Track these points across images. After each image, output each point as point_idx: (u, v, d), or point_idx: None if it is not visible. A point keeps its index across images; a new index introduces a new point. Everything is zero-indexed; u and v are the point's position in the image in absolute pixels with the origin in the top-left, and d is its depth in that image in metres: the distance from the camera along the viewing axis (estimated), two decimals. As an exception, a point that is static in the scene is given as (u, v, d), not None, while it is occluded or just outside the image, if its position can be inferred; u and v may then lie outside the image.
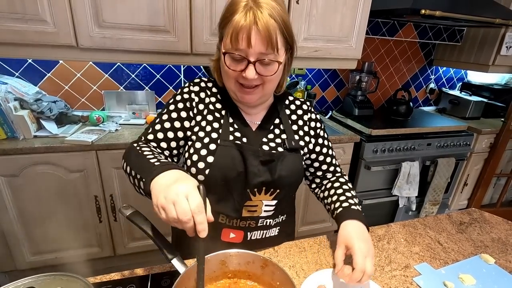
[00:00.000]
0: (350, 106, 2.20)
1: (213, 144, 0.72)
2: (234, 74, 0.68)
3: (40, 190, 1.43)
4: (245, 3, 0.63)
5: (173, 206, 0.48)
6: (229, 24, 0.64)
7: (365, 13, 1.67)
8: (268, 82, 0.70)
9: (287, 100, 0.85)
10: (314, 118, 0.86)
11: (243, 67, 0.66)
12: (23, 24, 1.23)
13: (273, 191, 0.75)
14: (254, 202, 0.74)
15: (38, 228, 1.50)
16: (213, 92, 0.79)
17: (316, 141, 0.85)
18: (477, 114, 2.40)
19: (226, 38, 0.65)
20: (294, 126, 0.82)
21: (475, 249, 0.85)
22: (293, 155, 0.77)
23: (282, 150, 0.76)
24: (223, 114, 0.76)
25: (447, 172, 2.10)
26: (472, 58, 2.29)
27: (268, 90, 0.72)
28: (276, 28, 0.64)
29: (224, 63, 0.67)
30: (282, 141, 0.78)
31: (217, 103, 0.78)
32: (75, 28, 1.28)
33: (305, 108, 0.85)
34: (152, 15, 1.35)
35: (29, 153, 1.36)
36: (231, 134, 0.74)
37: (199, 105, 0.76)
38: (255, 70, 0.65)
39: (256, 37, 0.62)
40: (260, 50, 0.64)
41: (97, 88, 1.74)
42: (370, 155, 1.87)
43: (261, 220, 0.77)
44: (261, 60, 0.65)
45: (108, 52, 1.38)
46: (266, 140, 0.77)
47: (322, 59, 1.72)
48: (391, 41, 2.28)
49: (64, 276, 0.46)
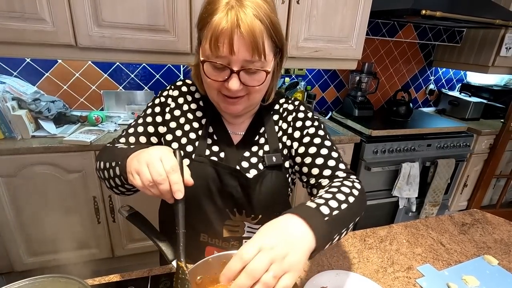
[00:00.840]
0: (350, 107, 2.20)
1: (186, 159, 0.66)
2: (216, 84, 0.60)
3: (38, 190, 1.41)
4: (226, 1, 0.55)
5: (147, 167, 0.47)
6: (207, 26, 0.56)
7: (366, 14, 1.67)
8: (254, 92, 0.61)
9: (277, 104, 0.75)
10: (302, 117, 0.71)
11: (226, 76, 0.57)
12: (21, 23, 1.22)
13: (254, 216, 0.69)
14: (235, 222, 0.69)
15: (36, 229, 1.48)
16: (195, 98, 0.72)
17: (300, 142, 0.70)
18: (477, 115, 2.40)
19: (204, 43, 0.57)
20: (280, 132, 0.72)
21: (478, 250, 0.84)
22: (274, 173, 0.68)
23: (262, 168, 0.68)
24: (202, 124, 0.70)
25: (447, 173, 2.10)
26: (472, 59, 2.30)
27: (254, 100, 0.64)
28: (263, 30, 0.55)
29: (204, 72, 0.59)
30: (263, 156, 0.69)
31: (198, 110, 0.71)
32: (74, 27, 1.27)
33: (290, 109, 0.73)
34: (151, 14, 1.34)
35: (27, 153, 1.34)
36: (208, 148, 0.68)
37: (175, 111, 0.69)
38: (239, 80, 0.57)
39: (239, 42, 0.54)
40: (245, 57, 0.55)
41: (96, 88, 1.73)
42: (370, 156, 1.87)
43: (245, 240, 0.71)
44: (246, 69, 0.57)
45: (107, 52, 1.37)
46: (248, 155, 0.69)
47: (322, 60, 1.72)
48: (391, 42, 2.28)
49: (62, 278, 0.45)
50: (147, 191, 0.49)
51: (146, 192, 0.50)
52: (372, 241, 0.85)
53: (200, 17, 0.59)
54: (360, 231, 0.89)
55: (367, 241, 0.85)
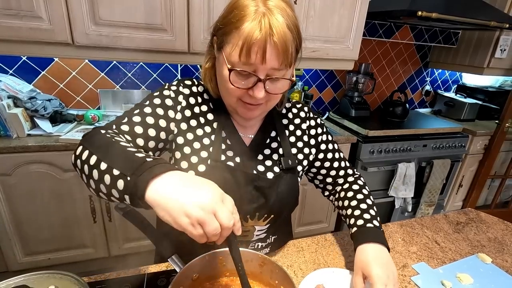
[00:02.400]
0: (347, 107, 2.21)
1: (202, 165, 0.64)
2: (239, 92, 0.58)
3: (33, 189, 1.40)
4: (255, 8, 0.53)
5: (213, 216, 0.40)
6: (236, 32, 0.53)
7: (362, 14, 1.68)
8: (274, 99, 0.62)
9: (284, 109, 0.77)
10: (314, 124, 0.78)
11: (250, 84, 0.56)
12: (17, 20, 1.21)
13: (266, 216, 0.69)
14: (246, 227, 0.69)
15: (31, 229, 1.47)
16: (205, 99, 0.69)
17: (318, 149, 0.77)
18: (472, 116, 2.43)
19: (231, 50, 0.55)
20: (292, 137, 0.74)
21: (472, 249, 0.85)
22: (289, 176, 0.71)
23: (278, 171, 0.70)
24: (214, 128, 0.67)
25: (443, 173, 2.11)
26: (467, 61, 2.32)
27: (270, 106, 0.65)
28: (291, 40, 0.54)
29: (229, 79, 0.56)
30: (278, 159, 0.71)
31: (209, 113, 0.68)
32: (70, 25, 1.27)
33: (303, 116, 0.77)
34: (149, 13, 1.34)
35: (22, 151, 1.33)
36: (223, 153, 0.66)
37: (185, 111, 0.66)
38: (264, 87, 0.56)
39: (271, 51, 0.53)
40: (273, 66, 0.54)
41: (92, 86, 1.72)
42: (366, 156, 1.88)
43: (252, 243, 0.73)
44: (271, 78, 0.56)
45: (104, 50, 1.36)
46: (262, 158, 0.70)
47: (320, 60, 1.73)
48: (388, 43, 2.30)
49: (58, 274, 0.45)
50: (197, 239, 0.41)
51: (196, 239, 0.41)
52: (368, 240, 0.86)
53: (226, 21, 0.56)
54: (356, 230, 0.90)
55: (363, 240, 0.86)
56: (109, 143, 0.50)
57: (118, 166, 0.44)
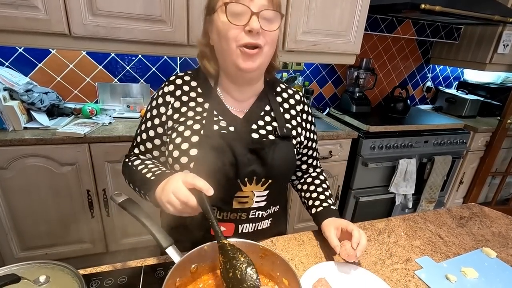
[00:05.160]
0: (348, 102, 2.19)
1: (195, 136, 0.67)
2: (235, 33, 0.62)
3: (30, 183, 1.38)
4: None
5: (173, 195, 0.54)
6: None
7: (365, 8, 1.66)
8: (270, 42, 0.65)
9: (278, 87, 0.81)
10: (306, 110, 0.83)
11: (246, 20, 0.61)
12: (13, 10, 1.18)
13: (264, 181, 0.71)
14: (245, 193, 0.70)
15: (28, 223, 1.45)
16: (192, 86, 0.73)
17: (305, 134, 0.81)
18: (473, 112, 2.41)
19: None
20: (286, 115, 0.78)
21: (476, 243, 0.83)
22: (285, 143, 0.73)
23: (273, 138, 0.72)
24: (205, 108, 0.71)
25: (443, 170, 2.10)
26: (469, 57, 2.30)
27: (267, 54, 0.67)
28: None
29: (226, 17, 0.61)
30: (273, 129, 0.73)
31: (198, 97, 0.72)
32: (67, 16, 1.24)
33: (297, 98, 0.81)
34: (148, 4, 1.32)
35: (19, 145, 1.31)
36: (216, 123, 0.69)
37: (175, 104, 0.71)
38: (259, 23, 0.61)
39: None
40: (263, 2, 0.61)
41: (90, 80, 1.69)
42: (367, 151, 1.86)
43: (253, 211, 0.73)
44: (263, 12, 0.61)
45: (101, 42, 1.34)
46: (256, 127, 0.72)
47: (321, 54, 1.70)
48: (389, 38, 2.28)
49: (49, 264, 0.43)
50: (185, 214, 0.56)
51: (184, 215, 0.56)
52: (370, 234, 0.84)
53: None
54: (358, 224, 0.88)
55: (365, 233, 0.84)
56: (131, 173, 0.71)
57: (141, 189, 0.66)
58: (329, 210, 0.80)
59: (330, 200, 0.83)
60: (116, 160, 1.45)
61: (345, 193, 2.01)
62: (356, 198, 1.98)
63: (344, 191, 2.00)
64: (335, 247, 0.69)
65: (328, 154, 1.79)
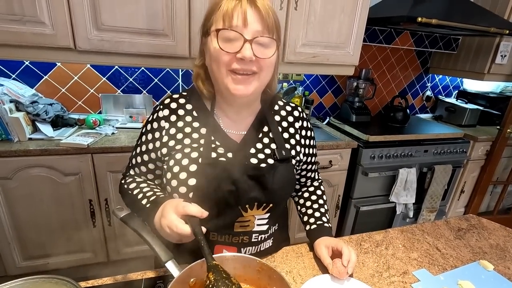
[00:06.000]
0: (348, 112, 2.21)
1: (193, 165, 0.65)
2: (227, 58, 0.60)
3: (33, 193, 1.40)
4: None
5: (169, 230, 0.55)
6: (217, 12, 0.60)
7: (363, 20, 1.69)
8: (266, 68, 0.63)
9: (276, 105, 0.79)
10: (306, 126, 0.81)
11: (238, 47, 0.59)
12: (21, 25, 1.23)
13: (265, 205, 0.70)
14: (246, 217, 0.70)
15: (30, 233, 1.47)
16: (187, 109, 0.71)
17: (304, 150, 0.80)
18: (473, 121, 2.42)
19: (216, 23, 0.60)
20: (285, 133, 0.76)
21: (474, 255, 0.84)
22: (284, 166, 0.72)
23: (272, 162, 0.70)
24: (202, 133, 0.69)
25: (444, 179, 2.10)
26: (468, 67, 2.32)
27: (264, 79, 0.65)
28: (273, 12, 0.62)
29: (217, 43, 0.59)
30: (272, 151, 0.71)
31: (194, 121, 0.70)
32: (73, 30, 1.28)
33: (296, 115, 0.79)
34: (150, 18, 1.36)
35: (23, 155, 1.34)
36: (214, 151, 0.68)
37: (171, 130, 0.69)
38: (252, 50, 0.59)
39: (253, 15, 0.59)
40: (257, 29, 0.59)
41: (94, 91, 1.73)
42: (367, 161, 1.87)
43: (255, 235, 0.72)
44: (257, 39, 0.59)
45: (106, 55, 1.37)
46: (254, 151, 0.71)
47: (320, 65, 1.73)
48: (388, 49, 2.31)
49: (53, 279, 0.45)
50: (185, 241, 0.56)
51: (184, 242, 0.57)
52: (368, 246, 0.85)
53: (207, 14, 0.64)
54: (356, 236, 0.89)
55: (363, 246, 0.85)
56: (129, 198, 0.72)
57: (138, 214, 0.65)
58: (323, 228, 0.81)
59: (325, 217, 0.84)
60: (118, 170, 1.47)
61: (345, 202, 2.01)
62: (357, 207, 1.98)
63: (344, 200, 2.00)
64: (327, 265, 0.71)
65: (328, 163, 1.80)
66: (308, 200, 0.88)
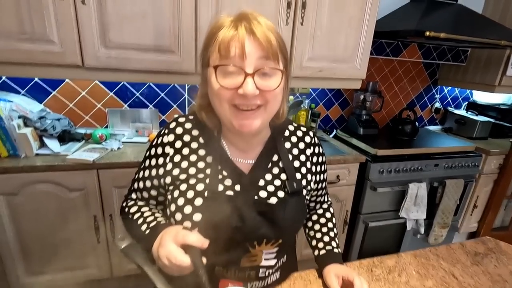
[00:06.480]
0: (355, 125, 2.18)
1: (199, 198, 0.61)
2: (228, 94, 0.56)
3: (39, 209, 1.40)
4: (232, 19, 0.56)
5: (168, 261, 0.53)
6: (215, 41, 0.56)
7: (369, 34, 1.68)
8: (272, 99, 0.58)
9: (287, 130, 0.74)
10: (318, 152, 0.77)
11: (239, 83, 0.54)
12: (30, 44, 1.24)
13: (274, 241, 0.66)
14: (254, 253, 0.66)
15: (35, 248, 1.46)
16: (194, 136, 0.67)
17: (316, 178, 0.77)
18: (484, 134, 2.36)
19: (212, 54, 0.56)
20: (296, 162, 0.72)
21: (494, 284, 0.79)
22: (295, 199, 0.68)
23: (283, 196, 0.66)
24: (208, 162, 0.65)
25: (456, 194, 2.04)
26: (477, 79, 2.28)
27: (271, 110, 0.61)
28: (274, 38, 0.56)
29: (216, 79, 0.55)
30: (282, 183, 0.67)
31: (200, 149, 0.66)
32: (81, 48, 1.30)
33: (307, 141, 0.75)
34: (157, 35, 1.37)
35: (30, 171, 1.34)
36: (221, 183, 0.64)
37: (175, 157, 0.66)
38: (254, 84, 0.54)
39: (252, 45, 0.53)
40: (259, 56, 0.54)
41: (101, 106, 1.74)
42: (376, 175, 1.83)
43: (262, 270, 0.69)
44: (260, 70, 0.55)
45: (113, 72, 1.38)
46: (264, 184, 0.66)
47: (327, 79, 1.72)
48: (395, 61, 2.29)
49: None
50: (185, 273, 0.54)
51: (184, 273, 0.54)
52: (380, 272, 0.81)
53: (204, 42, 0.60)
54: (367, 261, 0.85)
55: (374, 272, 0.81)
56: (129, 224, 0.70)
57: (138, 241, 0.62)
58: (332, 254, 0.78)
59: (334, 242, 0.81)
60: (123, 185, 1.46)
61: (353, 218, 1.96)
62: (365, 223, 1.93)
63: (352, 216, 1.95)
64: None
65: (335, 178, 1.76)
66: (317, 223, 0.85)
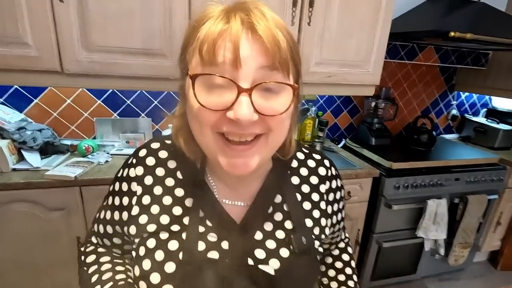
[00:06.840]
0: (366, 134, 2.01)
1: (170, 263, 0.44)
2: (213, 118, 0.37)
3: (14, 231, 1.25)
4: (223, 8, 0.39)
5: None
6: (195, 38, 0.38)
7: (384, 36, 1.51)
8: (277, 128, 0.40)
9: (294, 160, 0.55)
10: (335, 187, 0.58)
11: (229, 102, 0.36)
12: (3, 47, 1.10)
13: None
14: None
15: (11, 275, 1.31)
16: (169, 169, 0.50)
17: (332, 220, 0.58)
18: (507, 144, 2.17)
19: (192, 58, 0.39)
20: (306, 204, 0.53)
21: None
22: (304, 261, 0.49)
23: (287, 255, 0.47)
24: (187, 207, 0.48)
25: (479, 211, 1.85)
26: (499, 84, 2.10)
27: (275, 142, 0.42)
28: (286, 42, 0.38)
29: (195, 95, 0.37)
30: (287, 236, 0.49)
31: (177, 187, 0.49)
32: (60, 52, 1.15)
33: (322, 174, 0.56)
34: (146, 37, 1.22)
35: (4, 189, 1.19)
36: (202, 239, 0.46)
37: (143, 198, 0.48)
38: (252, 104, 0.36)
39: (252, 45, 0.35)
40: (261, 64, 0.36)
41: (88, 115, 1.60)
42: (391, 191, 1.65)
43: None
44: (261, 85, 0.36)
45: (97, 78, 1.24)
46: (261, 237, 0.48)
47: (336, 85, 1.55)
48: (409, 65, 2.12)
49: None
50: None
51: None
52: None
53: (183, 41, 0.42)
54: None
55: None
56: (83, 274, 0.56)
57: None
58: None
59: None
60: (109, 205, 1.31)
61: (366, 237, 1.78)
62: (379, 243, 1.75)
63: (365, 235, 1.77)
64: None
65: (346, 195, 1.59)
66: (332, 268, 0.68)
